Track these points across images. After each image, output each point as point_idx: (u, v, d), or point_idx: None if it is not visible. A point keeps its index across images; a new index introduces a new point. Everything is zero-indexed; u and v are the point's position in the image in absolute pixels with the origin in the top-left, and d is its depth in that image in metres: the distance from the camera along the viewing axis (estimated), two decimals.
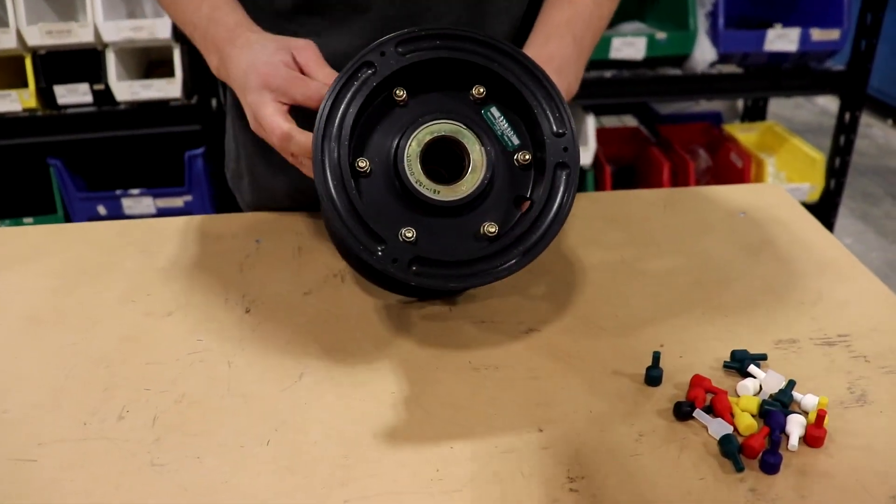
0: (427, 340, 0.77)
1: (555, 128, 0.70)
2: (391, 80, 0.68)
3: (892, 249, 2.97)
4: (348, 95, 0.67)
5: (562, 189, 0.69)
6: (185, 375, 0.73)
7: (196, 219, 1.01)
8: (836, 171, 2.52)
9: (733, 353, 0.72)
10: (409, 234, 0.66)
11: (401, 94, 0.69)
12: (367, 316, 0.81)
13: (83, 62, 2.12)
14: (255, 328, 0.79)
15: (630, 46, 2.22)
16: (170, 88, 2.12)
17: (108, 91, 2.11)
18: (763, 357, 0.72)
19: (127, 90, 2.11)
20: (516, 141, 0.72)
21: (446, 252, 0.66)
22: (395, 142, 0.69)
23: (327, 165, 0.65)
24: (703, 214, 1.00)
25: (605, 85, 2.30)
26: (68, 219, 2.32)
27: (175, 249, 0.94)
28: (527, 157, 0.71)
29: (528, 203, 0.71)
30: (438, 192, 0.68)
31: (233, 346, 0.76)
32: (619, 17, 2.45)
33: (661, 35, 2.22)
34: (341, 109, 0.66)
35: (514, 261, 0.67)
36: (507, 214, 0.71)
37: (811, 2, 2.42)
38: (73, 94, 2.11)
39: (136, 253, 0.93)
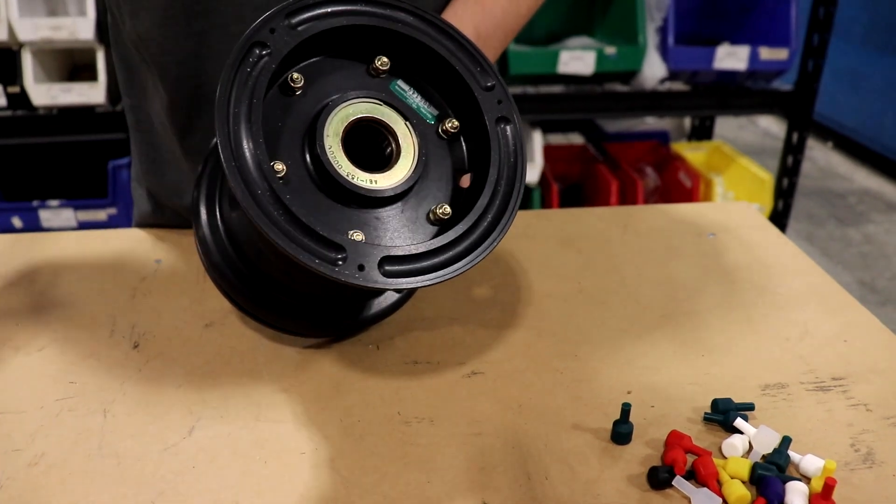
0: (347, 386, 0.64)
1: (482, 82, 0.62)
2: (285, 62, 0.58)
3: (836, 271, 2.94)
4: (248, 86, 0.55)
5: (512, 143, 0.62)
6: (47, 429, 0.59)
7: (88, 234, 0.87)
8: (784, 192, 2.49)
9: (715, 403, 0.61)
10: (359, 237, 0.56)
11: (297, 78, 0.59)
12: (278, 355, 0.67)
13: None
14: (141, 368, 0.66)
15: (578, 61, 2.14)
16: (92, 93, 2.01)
17: (24, 94, 2.00)
18: (750, 407, 0.61)
19: (45, 94, 1.99)
20: (434, 112, 0.64)
21: (409, 244, 0.57)
22: (309, 134, 0.59)
23: (251, 171, 0.53)
24: (669, 236, 0.90)
25: (552, 100, 2.23)
26: None
27: (59, 269, 0.80)
28: (455, 124, 0.63)
29: (467, 176, 0.63)
30: (375, 181, 0.59)
31: (112, 391, 0.63)
32: (567, 31, 2.38)
33: (610, 50, 2.15)
34: (245, 104, 0.54)
35: (493, 233, 0.58)
36: (453, 192, 0.63)
37: (758, 21, 2.40)
38: None
39: (12, 273, 0.79)
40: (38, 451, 0.57)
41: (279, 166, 0.56)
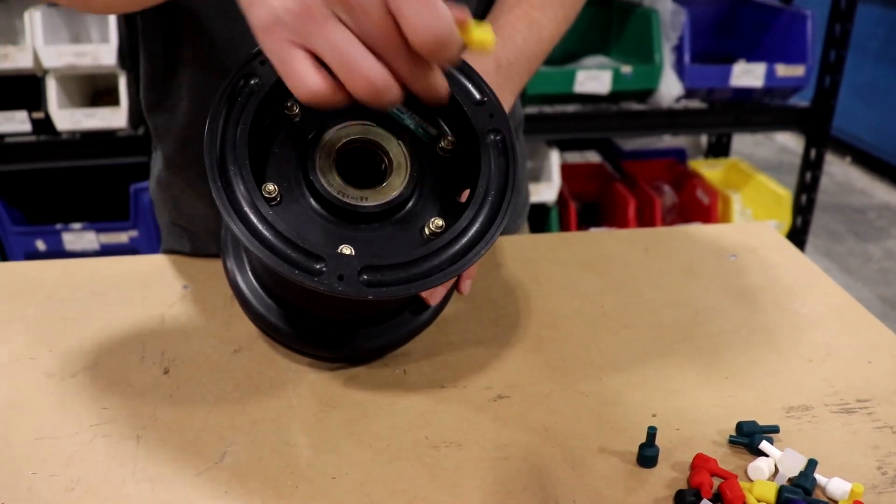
0: (376, 410, 0.65)
1: (473, 97, 0.63)
2: (279, 91, 0.59)
3: (856, 287, 2.92)
4: (236, 113, 0.57)
5: (503, 155, 0.61)
6: (82, 454, 0.60)
7: (116, 260, 0.88)
8: (803, 208, 2.48)
9: (740, 426, 0.61)
10: (348, 251, 0.57)
11: (293, 107, 0.61)
12: (307, 380, 0.68)
13: (22, 88, 2.03)
14: (172, 393, 0.67)
15: (595, 80, 2.15)
16: (114, 118, 2.04)
17: (48, 119, 2.02)
18: (775, 430, 0.61)
19: (68, 119, 2.02)
20: (432, 131, 0.64)
21: (396, 256, 0.57)
22: (302, 157, 0.60)
23: (238, 193, 0.55)
24: (690, 257, 0.90)
25: (568, 119, 2.24)
26: (4, 255, 2.20)
27: (89, 295, 0.81)
28: (451, 140, 0.64)
29: (467, 192, 0.63)
30: (366, 198, 0.60)
31: (144, 417, 0.64)
32: (583, 51, 2.39)
33: (626, 69, 2.16)
34: (230, 129, 0.57)
35: (479, 243, 0.58)
36: (450, 207, 0.63)
37: (774, 38, 2.40)
38: (10, 122, 2.02)
39: (44, 299, 0.81)
40: (74, 476, 0.58)
41: (271, 187, 0.58)
